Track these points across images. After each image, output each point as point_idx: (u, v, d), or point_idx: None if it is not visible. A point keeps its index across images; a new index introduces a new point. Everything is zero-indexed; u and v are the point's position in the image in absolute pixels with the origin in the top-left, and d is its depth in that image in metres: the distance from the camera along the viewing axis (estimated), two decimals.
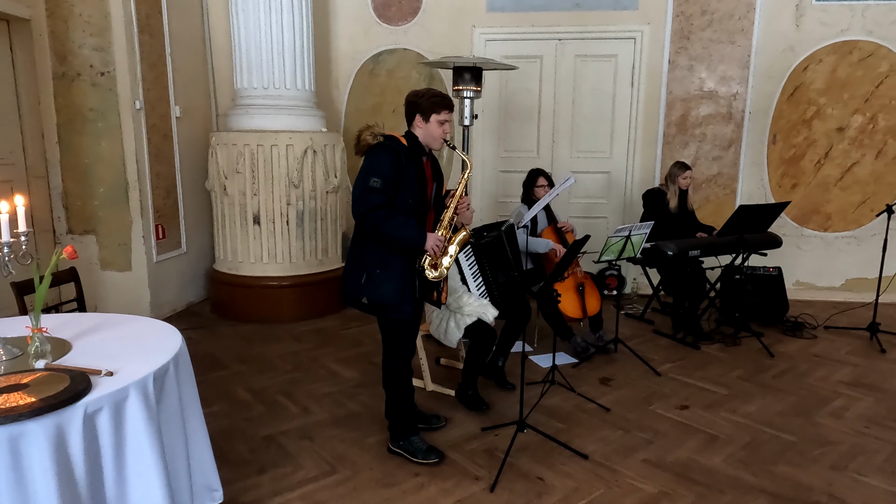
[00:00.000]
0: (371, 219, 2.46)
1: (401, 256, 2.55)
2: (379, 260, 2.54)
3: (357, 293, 2.60)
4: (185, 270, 5.06)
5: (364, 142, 2.52)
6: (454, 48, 5.39)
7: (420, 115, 2.55)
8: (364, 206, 2.46)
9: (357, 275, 2.60)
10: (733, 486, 2.50)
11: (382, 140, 2.51)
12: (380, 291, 2.55)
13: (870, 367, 3.85)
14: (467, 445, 2.83)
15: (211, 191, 4.82)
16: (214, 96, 5.39)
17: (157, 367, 1.90)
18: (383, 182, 2.44)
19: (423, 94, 2.58)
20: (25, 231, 1.99)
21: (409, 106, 2.60)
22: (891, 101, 5.17)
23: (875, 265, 5.37)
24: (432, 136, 2.58)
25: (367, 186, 2.45)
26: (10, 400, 1.56)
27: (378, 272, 2.54)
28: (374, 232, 2.48)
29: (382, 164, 2.47)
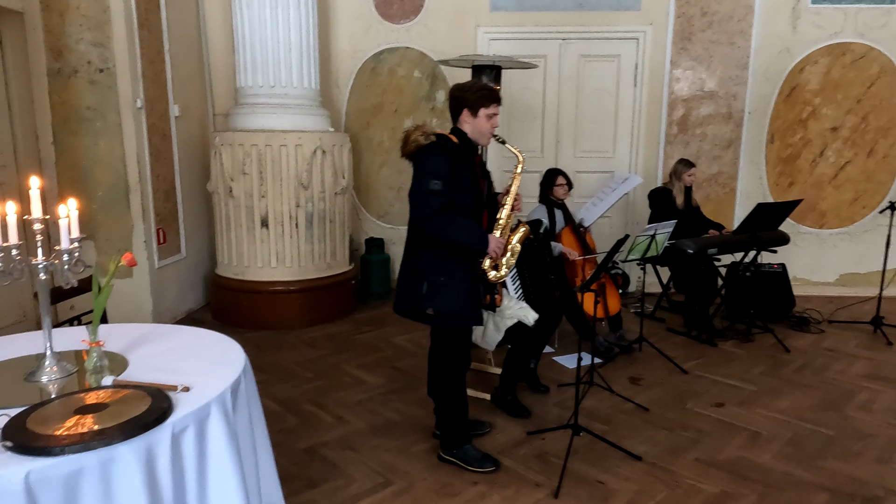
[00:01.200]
0: (433, 224, 2.35)
1: (461, 261, 2.46)
2: (439, 266, 2.43)
3: (419, 304, 2.47)
4: (184, 276, 4.85)
5: (415, 142, 2.41)
6: (457, 47, 5.32)
7: (468, 110, 2.46)
8: (425, 211, 2.35)
9: (416, 284, 2.47)
10: (790, 483, 2.52)
11: (434, 139, 2.41)
12: (445, 300, 2.44)
13: (882, 361, 3.96)
14: (517, 451, 2.77)
15: (213, 193, 4.63)
16: (211, 95, 5.19)
17: (233, 380, 1.78)
18: (443, 184, 2.35)
19: (470, 88, 2.49)
20: (79, 237, 1.84)
21: (454, 101, 2.50)
22: (881, 102, 5.35)
23: (867, 261, 5.57)
24: (481, 131, 2.49)
25: (426, 190, 2.34)
26: (94, 422, 1.43)
27: (441, 280, 2.43)
28: (436, 237, 2.37)
29: (439, 164, 2.37)
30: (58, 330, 2.26)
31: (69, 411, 1.49)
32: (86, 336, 1.82)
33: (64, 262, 1.73)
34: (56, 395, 1.59)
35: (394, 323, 4.68)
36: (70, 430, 1.39)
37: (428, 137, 2.40)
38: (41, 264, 1.75)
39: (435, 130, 2.45)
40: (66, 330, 2.27)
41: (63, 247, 1.73)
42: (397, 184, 5.62)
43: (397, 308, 2.63)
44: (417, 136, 2.41)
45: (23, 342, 2.09)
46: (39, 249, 1.77)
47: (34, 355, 1.95)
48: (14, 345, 2.06)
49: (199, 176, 5.05)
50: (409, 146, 2.45)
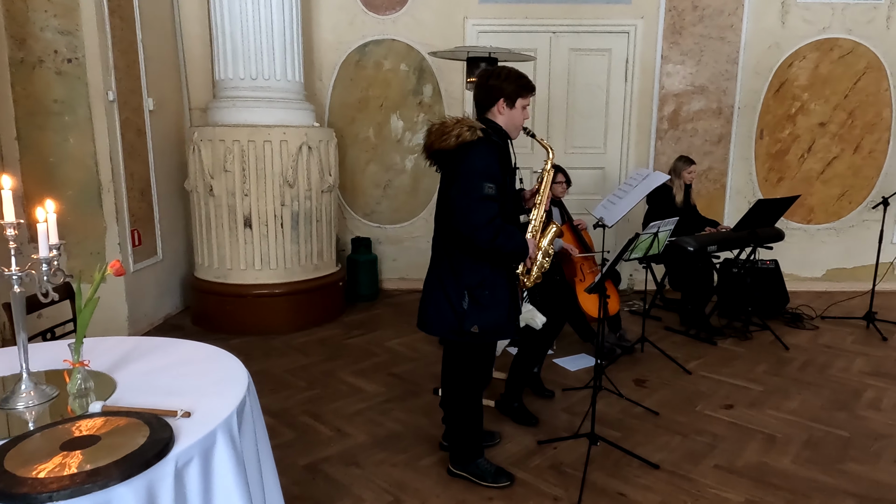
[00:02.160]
0: (487, 233, 2.09)
1: (502, 273, 2.26)
2: (481, 279, 2.20)
3: (458, 321, 2.23)
4: (161, 280, 4.58)
5: (459, 137, 2.11)
6: (445, 40, 5.16)
7: (504, 100, 2.22)
8: (479, 219, 2.07)
9: (454, 299, 2.23)
10: (815, 489, 2.43)
11: (482, 135, 2.14)
12: (492, 316, 2.23)
13: (881, 357, 3.94)
14: (529, 462, 2.63)
15: (192, 191, 4.38)
16: (187, 88, 4.92)
17: (238, 401, 1.60)
18: (496, 188, 2.11)
19: (505, 76, 2.23)
20: (58, 243, 1.63)
21: (488, 90, 2.24)
22: (867, 98, 5.37)
23: (853, 256, 5.60)
24: (515, 123, 2.27)
25: (481, 195, 2.07)
26: (85, 459, 1.23)
27: (486, 294, 2.21)
28: (486, 248, 2.12)
29: (492, 164, 2.12)
30: (31, 346, 2.03)
31: (54, 446, 1.28)
32: (66, 354, 1.61)
33: (43, 273, 1.52)
34: (36, 427, 1.39)
35: (385, 326, 4.51)
36: (57, 470, 1.20)
37: (475, 132, 2.12)
38: (15, 275, 1.54)
39: (479, 124, 2.18)
40: (39, 346, 2.04)
41: (42, 255, 1.51)
42: (384, 181, 5.43)
43: (428, 327, 2.37)
44: (462, 131, 2.11)
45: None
46: (13, 258, 1.56)
47: (7, 377, 1.73)
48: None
49: (175, 174, 4.79)
50: (447, 140, 2.13)
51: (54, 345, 2.08)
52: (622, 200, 2.26)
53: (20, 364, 1.59)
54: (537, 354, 3.03)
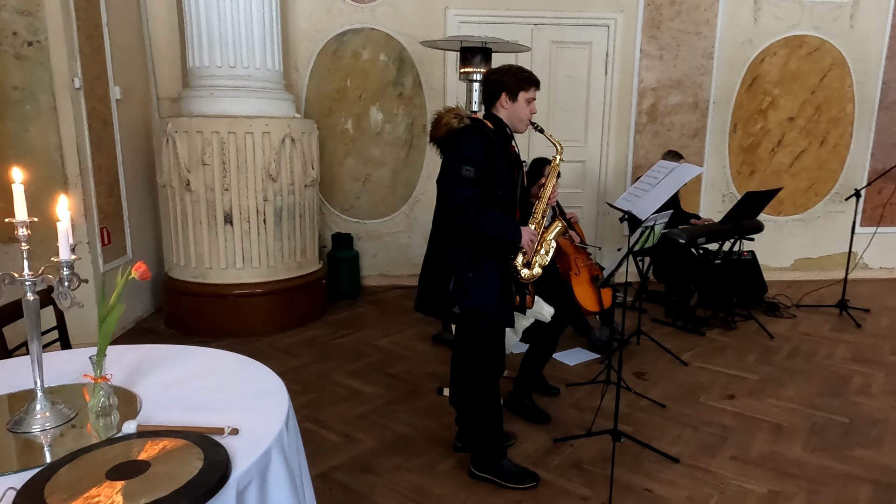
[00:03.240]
0: (464, 214, 2.13)
1: (493, 257, 2.25)
2: (468, 262, 2.22)
3: (444, 301, 2.26)
4: (131, 281, 4.28)
5: (447, 125, 2.19)
6: (426, 30, 5.04)
7: (506, 94, 2.25)
8: (456, 200, 2.14)
9: (442, 280, 2.26)
10: (830, 477, 2.48)
11: (469, 123, 2.18)
12: (474, 298, 2.23)
13: (859, 343, 4.09)
14: (549, 461, 2.58)
15: (165, 186, 4.12)
16: (154, 76, 4.62)
17: (284, 413, 1.47)
18: (476, 171, 2.13)
19: (507, 71, 2.28)
20: (72, 244, 1.46)
21: (490, 85, 2.29)
22: (833, 93, 5.57)
23: (819, 246, 5.82)
24: (519, 117, 2.29)
25: (458, 177, 2.13)
26: (139, 489, 1.09)
27: (470, 276, 2.22)
28: (467, 229, 2.16)
29: (474, 150, 2.15)
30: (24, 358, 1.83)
31: (98, 475, 1.13)
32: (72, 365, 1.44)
33: (65, 277, 1.34)
34: (70, 453, 1.22)
35: (372, 324, 4.38)
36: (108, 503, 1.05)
37: (462, 120, 2.18)
38: (28, 280, 1.36)
39: (469, 113, 2.21)
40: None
41: (63, 257, 1.34)
42: (363, 175, 5.27)
43: (419, 305, 2.40)
44: (450, 119, 2.18)
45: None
46: (25, 262, 1.38)
47: (14, 394, 1.54)
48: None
49: (144, 167, 4.50)
50: (439, 129, 2.21)
51: (59, 355, 1.88)
52: (648, 193, 2.23)
53: (34, 381, 1.41)
54: (548, 348, 2.97)
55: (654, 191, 2.30)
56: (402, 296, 5.13)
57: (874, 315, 4.70)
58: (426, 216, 5.44)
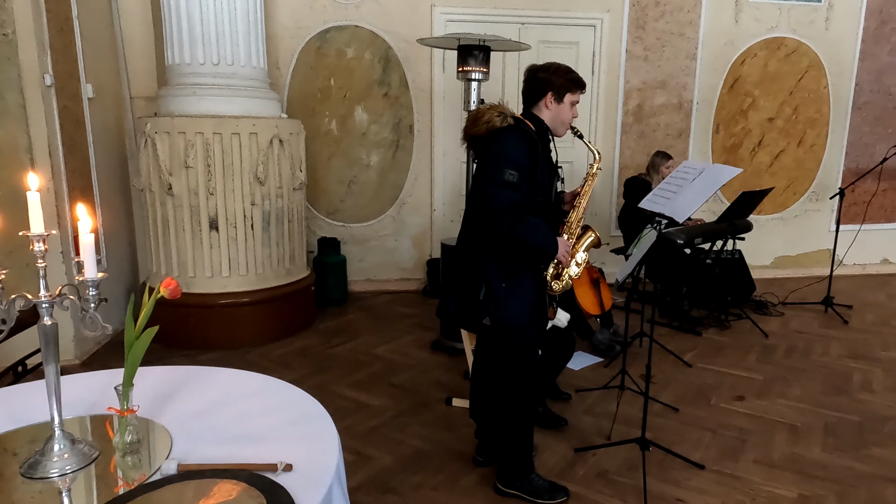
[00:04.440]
0: (504, 220, 2.01)
1: (527, 267, 2.14)
2: (501, 271, 2.11)
3: (474, 311, 2.14)
4: (106, 292, 4.01)
5: (489, 123, 2.06)
6: (412, 28, 4.91)
7: (552, 94, 2.16)
8: (496, 205, 2.02)
9: (471, 289, 2.14)
10: (855, 478, 2.47)
11: (513, 122, 2.06)
12: (506, 310, 2.11)
13: (851, 339, 4.16)
14: (574, 472, 2.49)
15: (143, 191, 3.87)
16: (127, 74, 4.36)
17: (336, 443, 1.33)
18: (519, 175, 2.01)
19: (555, 69, 2.19)
20: (78, 260, 1.28)
21: (536, 83, 2.19)
22: (809, 94, 5.69)
23: (797, 244, 5.94)
24: (562, 120, 2.21)
25: (500, 180, 2.01)
26: None
27: (503, 286, 2.10)
28: (505, 236, 2.04)
29: (518, 152, 2.04)
30: (25, 385, 1.64)
31: None
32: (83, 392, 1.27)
33: (91, 298, 1.18)
34: (113, 499, 1.06)
35: (365, 332, 4.22)
36: None
37: (505, 119, 2.06)
38: (45, 302, 1.19)
39: (513, 112, 2.09)
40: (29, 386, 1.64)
41: (88, 276, 1.17)
42: (348, 177, 5.11)
43: (445, 313, 2.28)
44: (493, 117, 2.06)
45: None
46: (42, 281, 1.21)
47: (23, 430, 1.35)
48: None
49: (117, 170, 4.24)
50: (478, 127, 2.09)
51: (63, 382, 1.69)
52: (679, 195, 2.16)
53: (50, 416, 1.23)
54: (564, 355, 2.89)
55: (688, 192, 2.24)
56: (391, 301, 4.98)
57: (857, 311, 4.80)
58: (414, 219, 5.33)
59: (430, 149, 5.17)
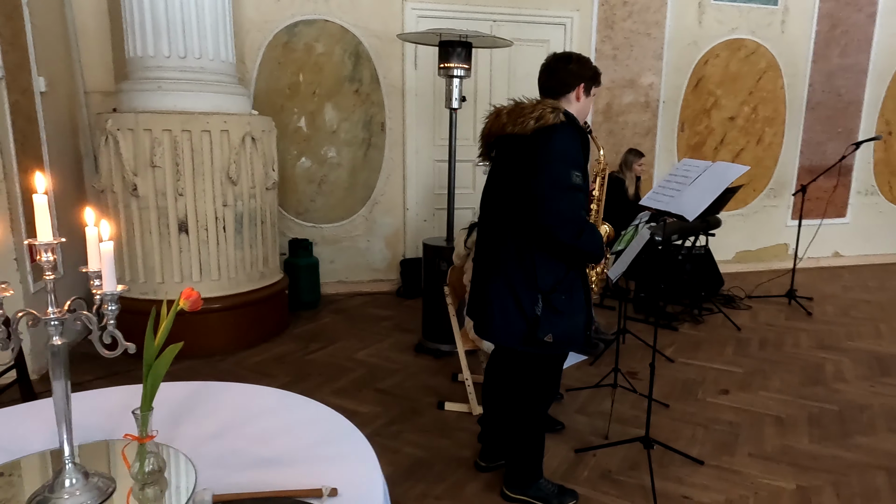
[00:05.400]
0: (572, 228, 1.87)
1: (578, 274, 2.04)
2: (559, 282, 1.96)
3: (531, 328, 1.98)
4: (63, 301, 3.75)
5: (541, 120, 1.88)
6: (383, 23, 4.81)
7: (584, 87, 2.06)
8: (568, 210, 1.86)
9: (526, 304, 1.97)
10: (846, 467, 2.54)
11: (564, 118, 1.92)
12: (567, 324, 1.99)
13: (817, 331, 4.31)
14: (577, 474, 2.47)
15: (104, 192, 3.62)
16: (80, 66, 4.07)
17: (375, 461, 1.24)
18: (582, 176, 1.91)
19: (584, 61, 2.08)
20: (98, 270, 1.15)
21: (567, 74, 2.05)
22: (767, 94, 5.89)
23: (757, 239, 6.15)
24: (585, 114, 2.13)
25: (568, 183, 1.86)
26: None
27: (563, 298, 1.97)
28: (570, 243, 1.89)
29: (578, 152, 1.92)
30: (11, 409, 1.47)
31: None
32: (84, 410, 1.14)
33: (110, 312, 1.05)
34: None
35: (342, 336, 4.09)
36: None
37: (558, 115, 1.90)
38: (54, 320, 1.05)
39: (560, 105, 1.96)
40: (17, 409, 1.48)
41: (107, 289, 1.04)
42: (318, 176, 4.95)
43: (492, 335, 2.10)
44: (545, 112, 1.89)
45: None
46: (51, 297, 1.07)
47: (26, 460, 1.21)
48: None
49: (72, 170, 3.97)
50: (524, 122, 1.90)
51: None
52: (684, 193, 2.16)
53: (61, 447, 1.09)
54: None
55: (694, 190, 2.24)
56: (365, 303, 4.86)
57: (818, 303, 4.99)
58: (386, 219, 5.21)
59: (402, 147, 5.07)
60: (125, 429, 1.32)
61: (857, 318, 4.62)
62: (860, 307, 4.89)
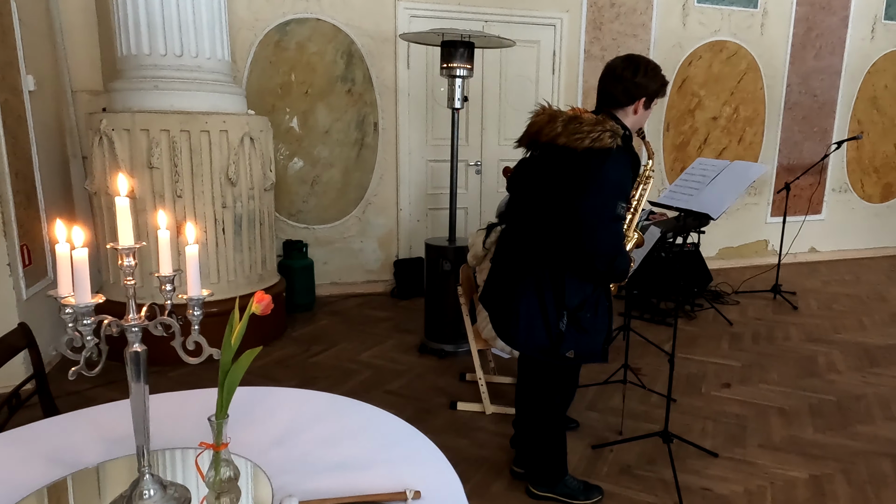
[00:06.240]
0: (608, 258, 1.89)
1: (604, 293, 2.06)
2: (583, 300, 1.98)
3: (553, 343, 2.00)
4: (55, 306, 3.62)
5: (598, 142, 1.81)
6: (376, 22, 4.78)
7: (645, 100, 1.99)
8: (607, 242, 1.87)
9: (551, 318, 1.99)
10: (852, 455, 2.63)
11: (622, 143, 1.87)
12: (589, 341, 2.03)
13: (805, 324, 4.45)
14: (598, 469, 2.50)
15: (97, 194, 3.52)
16: (67, 65, 3.94)
17: (449, 464, 1.24)
18: (627, 206, 1.93)
19: (652, 72, 1.98)
20: (171, 274, 1.12)
21: (631, 86, 1.95)
22: (748, 95, 6.05)
23: (739, 236, 6.30)
24: (641, 125, 2.07)
25: (613, 215, 1.84)
26: None
27: (588, 316, 1.99)
28: (604, 271, 1.92)
29: (628, 181, 1.92)
30: (69, 416, 1.42)
31: None
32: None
33: (195, 316, 1.02)
34: None
35: (343, 338, 4.06)
36: None
37: (615, 139, 1.83)
38: (135, 326, 1.03)
39: (619, 128, 1.88)
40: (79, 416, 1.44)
41: (192, 293, 1.02)
42: (311, 177, 4.89)
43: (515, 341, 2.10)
44: (604, 135, 1.81)
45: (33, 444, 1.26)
46: (132, 302, 1.04)
47: (84, 474, 1.17)
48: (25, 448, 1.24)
49: (60, 171, 3.84)
50: (580, 140, 1.82)
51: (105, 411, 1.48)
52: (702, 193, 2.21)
53: (138, 457, 1.06)
54: None
55: (715, 188, 2.29)
56: (360, 304, 4.82)
57: (801, 297, 5.15)
58: (380, 220, 5.18)
59: (395, 147, 5.05)
60: (177, 437, 1.29)
61: (839, 311, 4.78)
62: (841, 301, 5.06)
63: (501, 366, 3.45)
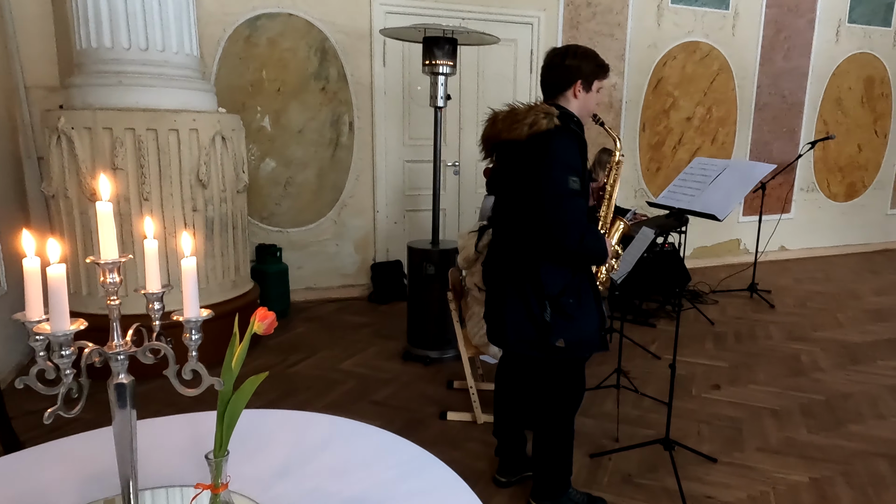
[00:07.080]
0: (575, 233, 1.84)
1: (585, 277, 2.00)
2: (566, 286, 1.93)
3: (542, 334, 1.94)
4: (7, 320, 3.36)
5: (535, 126, 1.84)
6: (350, 18, 4.63)
7: (582, 83, 1.99)
8: (569, 215, 1.83)
9: (532, 311, 1.94)
10: (850, 456, 2.61)
11: (559, 122, 1.87)
12: (579, 327, 1.95)
13: (785, 322, 4.48)
14: (598, 479, 2.42)
15: (55, 197, 3.27)
16: (19, 59, 3.67)
17: (471, 493, 1.12)
18: (580, 181, 1.87)
19: (583, 54, 2.00)
20: (160, 291, 0.97)
21: (563, 70, 1.98)
22: (720, 96, 6.10)
23: (712, 235, 6.36)
24: (588, 109, 2.06)
25: (566, 190, 1.82)
26: None
27: (571, 302, 1.93)
28: (574, 249, 1.86)
29: (574, 156, 1.88)
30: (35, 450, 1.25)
31: None
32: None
33: (192, 341, 0.88)
34: None
35: (323, 346, 3.89)
36: None
37: (552, 120, 1.85)
38: (121, 354, 0.88)
39: (554, 109, 1.90)
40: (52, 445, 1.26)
41: (191, 315, 0.87)
42: (284, 178, 4.70)
43: (505, 342, 2.06)
44: (538, 118, 1.85)
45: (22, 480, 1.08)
46: (116, 325, 0.90)
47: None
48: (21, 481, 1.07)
49: (11, 173, 3.57)
50: (519, 129, 1.87)
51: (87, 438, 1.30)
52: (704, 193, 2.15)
53: (124, 497, 0.91)
54: None
55: (718, 188, 2.23)
56: (338, 310, 4.66)
57: (776, 295, 5.20)
58: (356, 222, 5.02)
59: (371, 147, 4.90)
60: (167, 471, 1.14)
61: (815, 308, 4.84)
62: (815, 298, 5.14)
63: (489, 371, 3.34)
